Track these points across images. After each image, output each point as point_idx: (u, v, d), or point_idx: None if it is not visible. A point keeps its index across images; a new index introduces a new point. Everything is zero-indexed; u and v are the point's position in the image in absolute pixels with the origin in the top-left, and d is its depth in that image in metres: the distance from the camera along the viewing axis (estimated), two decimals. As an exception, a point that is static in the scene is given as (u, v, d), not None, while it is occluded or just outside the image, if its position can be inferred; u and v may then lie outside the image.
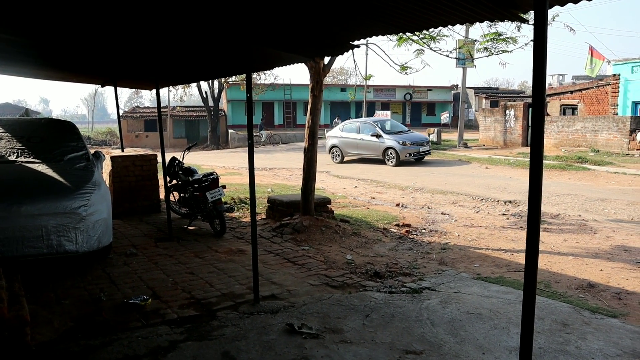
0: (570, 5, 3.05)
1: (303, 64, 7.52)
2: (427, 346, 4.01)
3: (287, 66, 6.25)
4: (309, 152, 7.96)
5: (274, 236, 7.54)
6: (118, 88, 9.80)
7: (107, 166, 9.05)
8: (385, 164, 19.14)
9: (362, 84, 35.66)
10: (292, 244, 7.12)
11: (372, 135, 19.65)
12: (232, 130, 38.84)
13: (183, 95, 38.16)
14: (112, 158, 8.99)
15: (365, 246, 7.17)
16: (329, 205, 8.58)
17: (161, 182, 9.29)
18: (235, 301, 4.98)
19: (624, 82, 24.68)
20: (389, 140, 19.20)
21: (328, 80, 65.07)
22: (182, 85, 35.00)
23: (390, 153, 19.04)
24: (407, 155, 18.95)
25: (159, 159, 8.47)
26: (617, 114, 24.38)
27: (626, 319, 4.67)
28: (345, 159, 20.64)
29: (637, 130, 19.24)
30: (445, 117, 40.91)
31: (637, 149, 18.88)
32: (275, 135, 34.56)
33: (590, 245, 7.39)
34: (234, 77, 27.17)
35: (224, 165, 20.22)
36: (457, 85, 44.79)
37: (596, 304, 5.04)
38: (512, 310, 4.70)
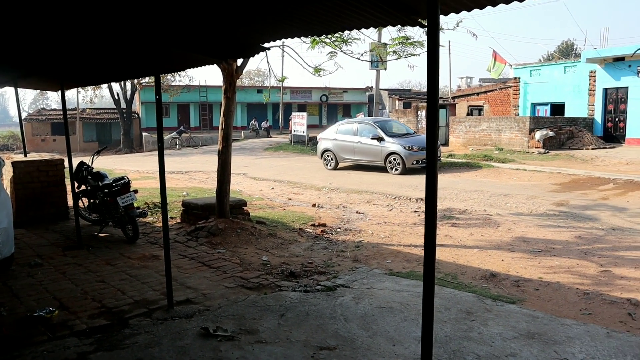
0: (475, 11, 3.26)
1: (216, 65, 7.49)
2: (340, 341, 4.12)
3: (202, 67, 6.16)
4: (223, 154, 7.92)
5: (189, 240, 7.43)
6: (20, 89, 9.26)
7: (8, 172, 8.53)
8: (387, 172, 16.52)
9: (278, 85, 35.77)
10: (207, 247, 7.06)
11: (372, 139, 16.95)
12: (146, 133, 37.68)
13: (93, 97, 36.56)
14: (14, 164, 8.49)
15: (281, 247, 7.23)
16: (245, 208, 8.57)
17: (69, 188, 8.88)
18: (149, 308, 4.87)
19: (524, 85, 26.35)
20: (392, 145, 16.49)
21: (245, 81, 64.73)
22: (92, 87, 33.55)
23: (394, 159, 16.36)
24: (415, 162, 16.13)
25: (67, 163, 8.11)
26: (518, 115, 25.99)
27: (523, 304, 5.03)
28: (340, 165, 18.16)
29: (535, 130, 20.62)
30: (360, 118, 41.79)
31: (535, 147, 20.23)
32: (194, 138, 33.96)
33: (494, 237, 7.87)
34: (147, 78, 26.42)
35: (137, 169, 19.59)
36: (372, 87, 45.92)
37: (497, 292, 5.39)
38: (420, 302, 4.91)
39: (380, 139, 16.81)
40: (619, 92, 22.30)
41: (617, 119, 22.55)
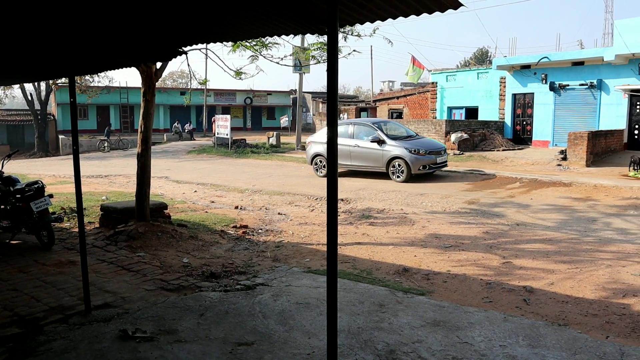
0: (397, 20, 3.48)
1: (135, 68, 7.43)
2: (258, 337, 4.28)
3: (122, 69, 6.12)
4: (142, 157, 7.86)
5: (107, 244, 7.32)
6: None
7: None
8: (389, 178, 14.95)
9: (201, 88, 35.31)
10: (127, 251, 6.99)
11: (372, 142, 15.26)
12: (62, 136, 36.06)
13: (3, 97, 34.62)
14: None
15: (202, 249, 7.28)
16: (166, 211, 8.53)
17: (-24, 194, 8.48)
18: (65, 313, 4.81)
19: (441, 90, 27.53)
20: (395, 148, 14.89)
21: (168, 83, 63.40)
22: (2, 87, 31.76)
23: (398, 165, 14.77)
24: (421, 167, 14.68)
25: (-27, 168, 7.76)
26: (435, 118, 27.11)
27: (432, 295, 5.39)
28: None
29: (451, 132, 21.63)
30: (284, 120, 42.08)
31: (451, 149, 21.20)
32: (123, 140, 33.01)
33: (408, 235, 8.28)
34: (63, 78, 25.36)
35: (53, 173, 18.76)
36: (296, 90, 46.34)
37: (409, 285, 5.73)
38: (337, 297, 5.16)
39: (381, 142, 15.17)
40: (526, 98, 23.80)
41: (524, 123, 24.06)
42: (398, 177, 14.73)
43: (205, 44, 5.58)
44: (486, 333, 4.36)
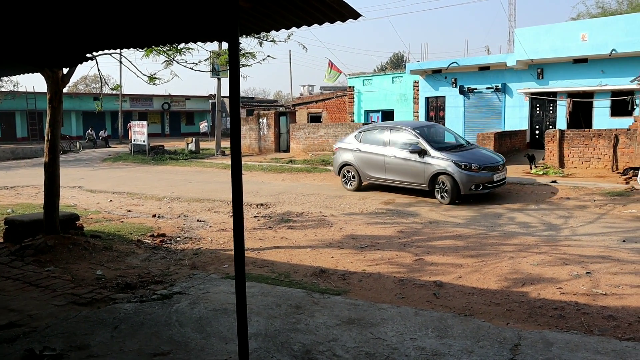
0: (313, 26, 3.59)
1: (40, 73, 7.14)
2: (174, 346, 4.25)
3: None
4: (50, 166, 7.54)
5: (13, 260, 6.94)
6: None
7: None
8: (433, 196, 12.05)
9: (116, 93, 34.15)
10: (35, 266, 6.67)
11: (411, 152, 12.33)
12: (-41, 146, 33.62)
13: None
14: None
15: (117, 260, 7.08)
16: (78, 222, 8.21)
17: None
18: (-38, 337, 4.54)
19: (358, 93, 28.18)
20: (440, 161, 11.82)
21: (80, 88, 60.71)
22: None
23: (444, 183, 11.73)
24: (473, 187, 11.60)
25: None
26: (353, 121, 27.67)
27: (347, 295, 5.56)
28: (364, 183, 13.76)
29: (369, 135, 22.15)
30: (204, 126, 41.54)
31: (370, 151, 21.74)
32: (74, 142, 31.34)
33: (326, 237, 8.45)
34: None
35: (-50, 186, 17.48)
36: (215, 94, 45.80)
37: (325, 286, 5.87)
38: (254, 301, 5.21)
39: (422, 153, 12.18)
40: (438, 101, 24.85)
41: (437, 124, 25.10)
42: (444, 197, 11.74)
43: (115, 50, 5.45)
44: (398, 328, 4.56)
